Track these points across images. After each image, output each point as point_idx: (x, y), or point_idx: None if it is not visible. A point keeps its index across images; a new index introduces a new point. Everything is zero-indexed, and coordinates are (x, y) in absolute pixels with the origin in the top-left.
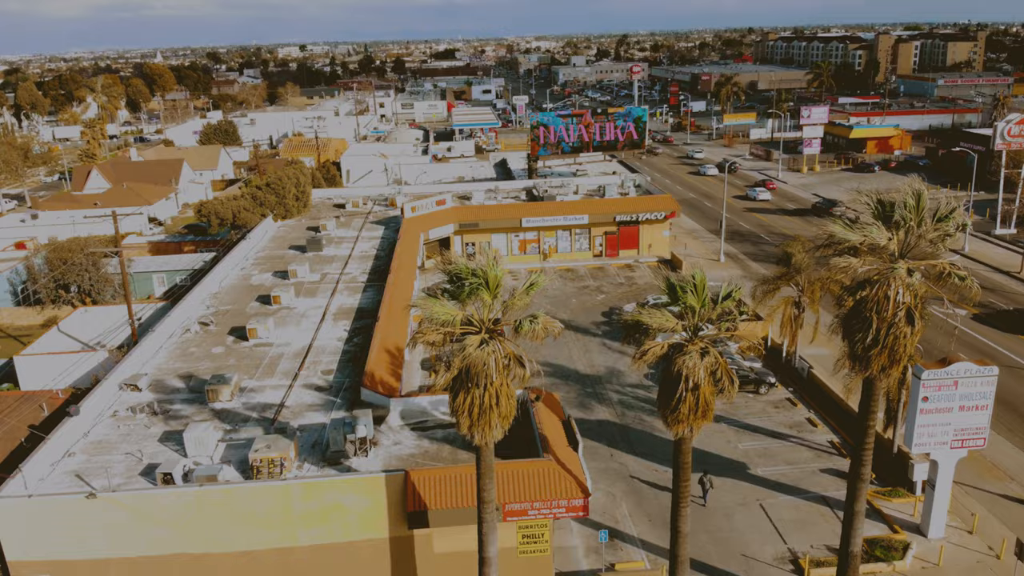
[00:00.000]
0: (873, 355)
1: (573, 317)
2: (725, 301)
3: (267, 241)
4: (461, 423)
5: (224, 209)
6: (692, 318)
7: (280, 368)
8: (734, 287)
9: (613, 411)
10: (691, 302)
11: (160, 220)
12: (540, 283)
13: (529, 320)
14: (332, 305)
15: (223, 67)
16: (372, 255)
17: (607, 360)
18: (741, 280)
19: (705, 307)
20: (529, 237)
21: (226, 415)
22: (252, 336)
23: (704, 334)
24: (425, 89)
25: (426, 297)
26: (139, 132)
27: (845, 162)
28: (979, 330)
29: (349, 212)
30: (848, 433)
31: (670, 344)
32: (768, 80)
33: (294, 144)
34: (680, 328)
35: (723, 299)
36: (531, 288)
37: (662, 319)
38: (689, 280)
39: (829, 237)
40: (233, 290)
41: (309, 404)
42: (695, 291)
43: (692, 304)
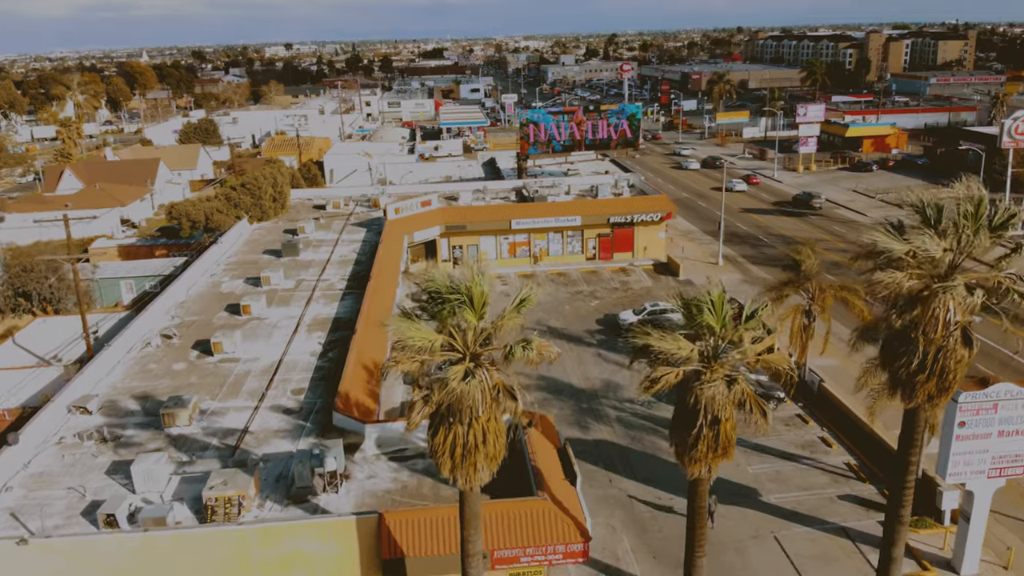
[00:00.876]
0: (919, 382)
1: (566, 325)
2: (750, 321)
3: (241, 245)
4: (442, 465)
5: (196, 211)
6: (710, 340)
7: (246, 387)
8: (760, 304)
9: (611, 430)
10: (709, 322)
11: (134, 222)
12: (532, 299)
13: (522, 345)
14: (307, 315)
15: (209, 66)
16: (352, 260)
17: (603, 372)
18: (742, 284)
19: (725, 328)
20: (519, 240)
21: (183, 442)
22: (217, 351)
23: (726, 358)
24: (412, 88)
25: (400, 317)
26: (119, 131)
27: (842, 161)
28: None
29: (329, 214)
30: (867, 455)
31: (686, 371)
32: (759, 79)
33: (276, 143)
34: (697, 354)
35: (747, 318)
36: (522, 305)
37: (675, 345)
38: (706, 296)
39: (870, 247)
40: (201, 299)
41: (276, 429)
42: (713, 309)
43: (711, 324)
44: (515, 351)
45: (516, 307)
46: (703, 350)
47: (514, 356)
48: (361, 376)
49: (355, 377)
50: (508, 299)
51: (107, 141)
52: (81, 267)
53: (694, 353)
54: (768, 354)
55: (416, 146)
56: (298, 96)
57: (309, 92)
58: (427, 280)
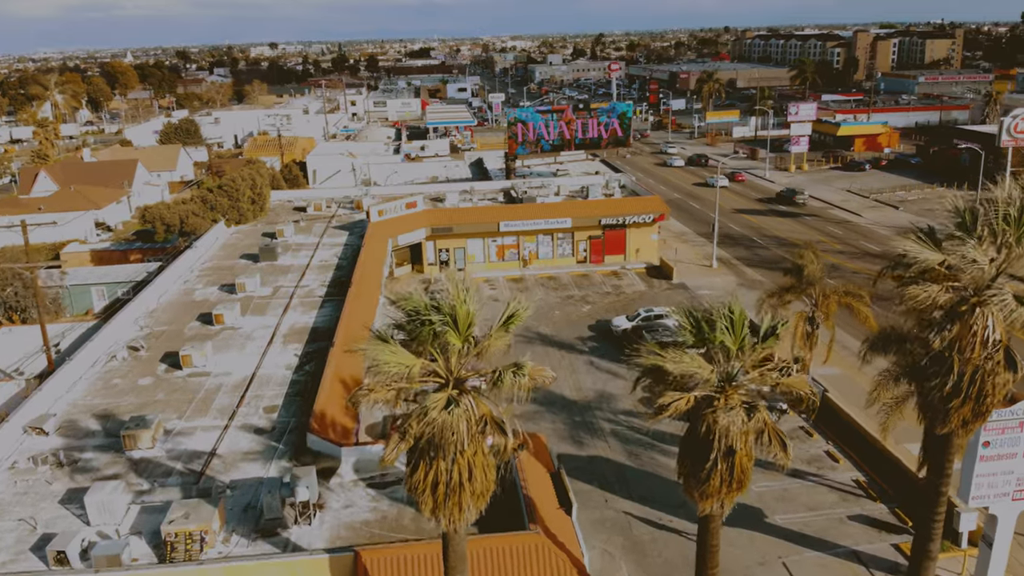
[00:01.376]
0: (953, 407)
1: (557, 331)
2: (767, 339)
3: (217, 249)
4: (422, 504)
5: (170, 214)
6: (725, 362)
7: (216, 404)
8: (779, 320)
9: (606, 444)
10: (726, 342)
11: (109, 225)
12: (521, 315)
13: (512, 371)
14: (283, 324)
15: (193, 66)
16: (334, 264)
17: (596, 382)
18: (738, 288)
19: (744, 349)
20: (508, 242)
21: (144, 467)
22: (186, 364)
23: (741, 382)
24: (399, 87)
25: (375, 340)
26: (100, 132)
27: (834, 160)
28: None
29: (310, 216)
30: (876, 471)
31: (697, 396)
32: (747, 78)
33: (259, 143)
34: (714, 377)
35: (764, 336)
36: (510, 322)
37: (692, 364)
38: (722, 312)
39: (900, 258)
40: (172, 307)
41: (246, 451)
42: (731, 328)
43: (727, 345)
44: (504, 378)
45: (504, 324)
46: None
47: (503, 385)
48: (338, 392)
49: (332, 394)
50: (496, 305)
51: (86, 142)
52: (50, 274)
53: (713, 376)
54: (787, 377)
55: (402, 146)
56: (282, 96)
57: (294, 92)
58: (405, 298)
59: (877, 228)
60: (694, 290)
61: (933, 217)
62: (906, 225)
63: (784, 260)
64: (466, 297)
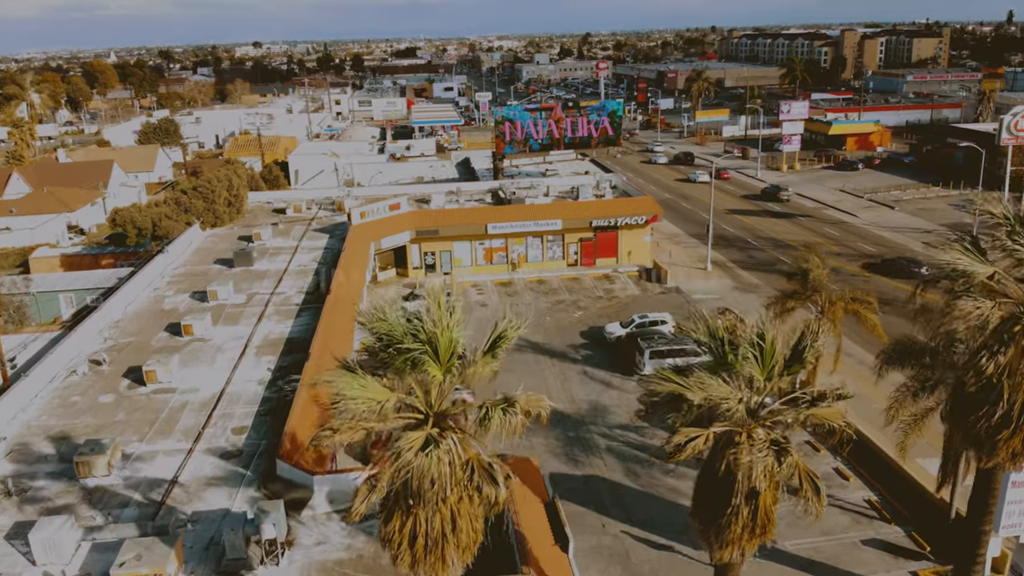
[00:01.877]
0: (1002, 438)
1: (548, 339)
2: (794, 365)
3: (190, 254)
4: (399, 559)
5: (142, 217)
6: (751, 393)
7: (181, 424)
8: (810, 337)
9: (601, 462)
10: (754, 373)
11: (83, 228)
12: (510, 336)
13: (502, 407)
14: (256, 335)
15: (177, 66)
16: (312, 269)
17: (590, 393)
18: (733, 291)
19: (773, 378)
20: (496, 245)
21: (99, 497)
22: (151, 380)
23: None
24: (384, 86)
25: (342, 372)
26: (79, 132)
27: (826, 159)
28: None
29: (290, 218)
30: (889, 489)
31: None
32: (735, 77)
33: (240, 143)
34: (741, 409)
35: (790, 362)
36: (498, 346)
37: (718, 390)
38: (749, 335)
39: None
40: (139, 317)
41: (211, 478)
42: (760, 355)
43: (755, 376)
44: (491, 416)
45: (491, 348)
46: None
47: (490, 423)
48: (312, 413)
49: (305, 415)
50: (484, 311)
51: (64, 143)
52: (15, 280)
53: (741, 408)
54: (820, 408)
55: (387, 146)
56: (266, 95)
57: (278, 91)
58: (378, 320)
59: (873, 229)
60: (688, 294)
61: (930, 218)
62: (903, 225)
63: (780, 262)
64: (449, 321)
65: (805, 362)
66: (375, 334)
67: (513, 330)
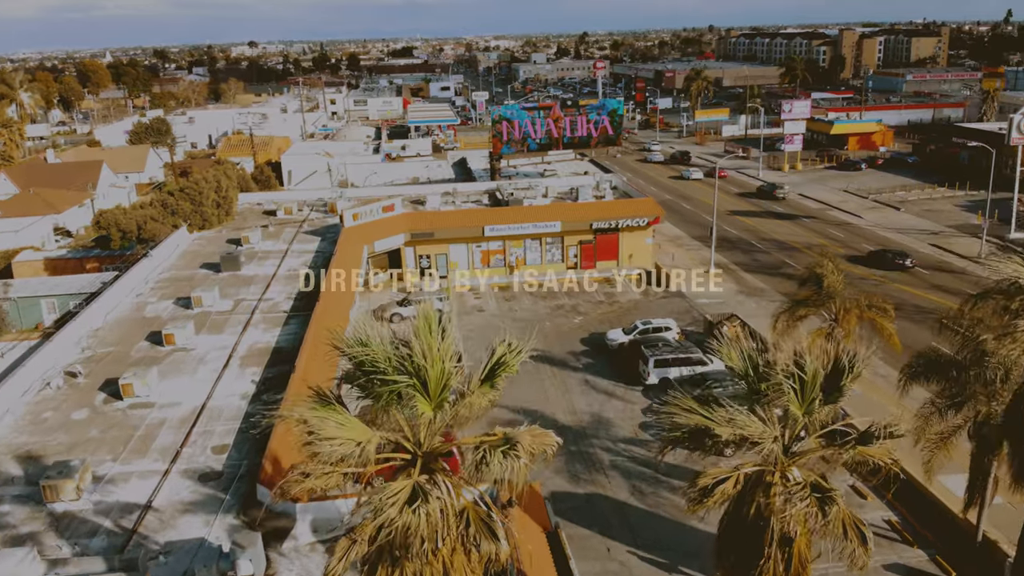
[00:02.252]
0: None
1: (547, 346)
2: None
3: (176, 258)
4: None
5: (127, 219)
6: (787, 429)
7: (157, 443)
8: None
9: (606, 479)
10: (792, 408)
11: (69, 231)
12: (512, 365)
13: (502, 450)
14: (242, 344)
15: (172, 66)
16: (303, 274)
17: (591, 404)
18: (738, 295)
19: (813, 412)
20: (493, 247)
21: (67, 524)
22: (127, 394)
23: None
24: (380, 86)
25: (315, 406)
26: (72, 132)
27: (829, 159)
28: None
29: (280, 220)
30: (910, 509)
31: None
32: (734, 76)
33: (233, 143)
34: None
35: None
36: (497, 373)
37: (751, 427)
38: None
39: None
40: (119, 325)
41: (186, 504)
42: (800, 388)
43: (793, 411)
44: (491, 461)
45: (488, 377)
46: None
47: (489, 469)
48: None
49: (288, 435)
50: (482, 316)
51: (55, 143)
52: None
53: (777, 448)
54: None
55: (382, 145)
56: (261, 95)
57: (272, 91)
58: (358, 345)
59: (879, 230)
60: (692, 298)
61: (937, 219)
62: (909, 226)
63: (785, 265)
64: (441, 347)
65: (844, 391)
66: (357, 363)
67: (514, 356)
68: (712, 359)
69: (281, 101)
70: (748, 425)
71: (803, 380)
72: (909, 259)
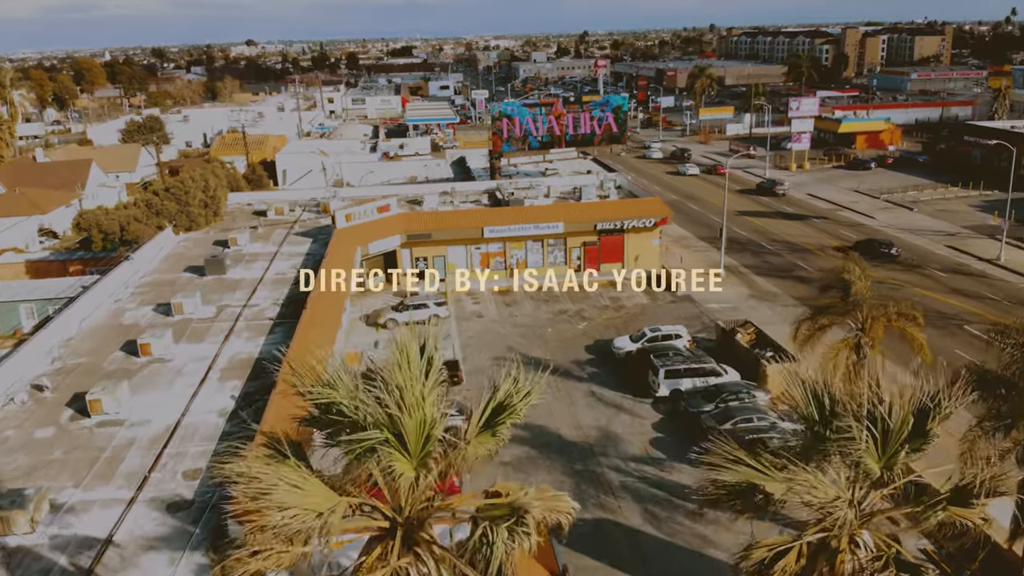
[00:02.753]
0: None
1: (550, 354)
2: (918, 441)
3: (159, 261)
4: None
5: (109, 220)
6: (858, 484)
7: (124, 466)
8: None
9: (615, 502)
10: (868, 463)
11: (56, 232)
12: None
13: (507, 525)
14: (223, 355)
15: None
16: (292, 278)
17: (599, 418)
18: (749, 299)
19: (895, 467)
20: (493, 249)
21: (19, 561)
22: (95, 411)
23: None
24: (379, 84)
25: (271, 462)
26: (67, 131)
27: (837, 158)
28: None
29: (270, 221)
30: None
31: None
32: (736, 75)
33: (227, 141)
34: (852, 514)
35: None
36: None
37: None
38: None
39: None
40: (94, 334)
41: (152, 539)
42: (879, 444)
43: (868, 463)
44: (494, 540)
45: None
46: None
47: (492, 551)
48: None
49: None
50: (481, 321)
51: (49, 142)
52: None
53: (851, 514)
54: (959, 506)
55: (379, 144)
56: (258, 94)
57: (270, 89)
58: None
59: (892, 231)
60: (702, 303)
61: (953, 220)
62: (924, 227)
63: (798, 268)
64: (424, 389)
65: (931, 438)
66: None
67: (522, 398)
68: (727, 369)
69: (278, 100)
70: (816, 487)
71: (887, 427)
72: (894, 248)
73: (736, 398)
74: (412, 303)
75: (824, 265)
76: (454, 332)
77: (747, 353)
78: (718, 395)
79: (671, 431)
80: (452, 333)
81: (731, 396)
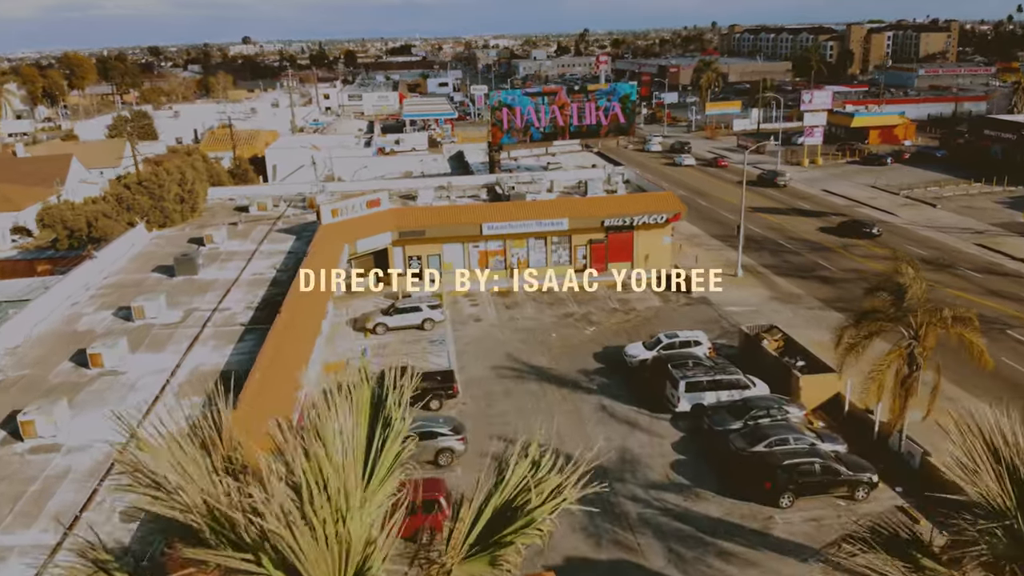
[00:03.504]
0: None
1: (555, 363)
2: None
3: (127, 260)
4: None
5: (75, 216)
6: None
7: (54, 503)
8: None
9: (634, 539)
10: None
11: (31, 230)
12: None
13: None
14: (184, 367)
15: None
16: (270, 279)
17: (612, 436)
18: (771, 302)
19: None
20: (492, 247)
21: None
22: (28, 434)
23: None
24: (376, 81)
25: None
26: (57, 128)
27: (851, 154)
28: None
29: (252, 217)
30: None
31: None
32: (740, 72)
33: (217, 137)
34: None
35: None
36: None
37: None
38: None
39: None
40: (43, 342)
41: None
42: None
43: None
44: None
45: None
46: None
47: None
48: None
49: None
50: (479, 325)
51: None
52: None
53: None
54: None
55: (374, 139)
56: (253, 90)
57: (265, 86)
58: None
59: (918, 229)
60: (719, 306)
61: (980, 217)
62: (950, 225)
63: (820, 267)
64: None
65: None
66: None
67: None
68: (754, 381)
69: (273, 96)
70: None
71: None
72: (875, 227)
73: (767, 414)
74: (403, 306)
75: (848, 265)
76: (450, 337)
77: (775, 362)
78: (746, 411)
79: (694, 452)
80: (448, 339)
81: (761, 412)
